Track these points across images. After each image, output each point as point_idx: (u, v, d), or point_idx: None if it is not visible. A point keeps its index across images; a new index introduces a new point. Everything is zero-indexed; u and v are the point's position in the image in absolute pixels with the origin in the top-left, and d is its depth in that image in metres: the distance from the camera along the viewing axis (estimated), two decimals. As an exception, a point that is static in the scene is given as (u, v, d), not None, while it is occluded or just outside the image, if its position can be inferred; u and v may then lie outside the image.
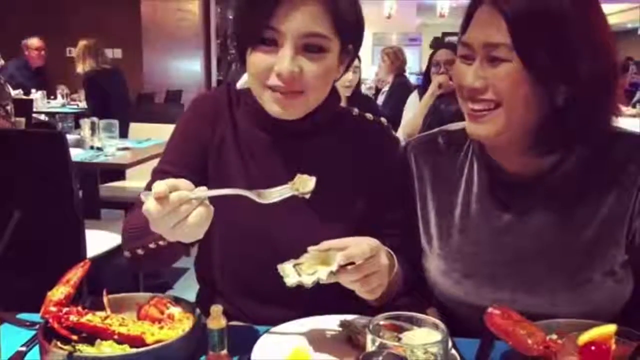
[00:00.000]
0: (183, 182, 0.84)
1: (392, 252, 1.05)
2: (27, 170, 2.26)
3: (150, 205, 0.81)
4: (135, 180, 3.73)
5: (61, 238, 2.30)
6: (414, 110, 3.55)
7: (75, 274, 0.95)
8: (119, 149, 3.05)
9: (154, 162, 1.19)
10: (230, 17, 9.69)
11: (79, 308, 0.91)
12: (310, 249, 0.95)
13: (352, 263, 0.93)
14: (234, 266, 1.16)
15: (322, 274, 0.91)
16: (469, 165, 1.16)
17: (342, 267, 0.92)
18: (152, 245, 0.96)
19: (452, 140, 1.19)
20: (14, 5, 6.61)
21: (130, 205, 1.27)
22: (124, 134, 3.82)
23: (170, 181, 0.83)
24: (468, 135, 1.08)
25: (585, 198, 1.06)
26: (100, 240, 2.58)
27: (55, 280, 0.95)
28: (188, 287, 3.45)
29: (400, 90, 5.34)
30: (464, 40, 1.03)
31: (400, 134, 3.49)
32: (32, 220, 2.27)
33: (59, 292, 0.92)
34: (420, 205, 1.18)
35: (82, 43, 5.11)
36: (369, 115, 1.23)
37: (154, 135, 3.60)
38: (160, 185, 0.81)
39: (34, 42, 6.29)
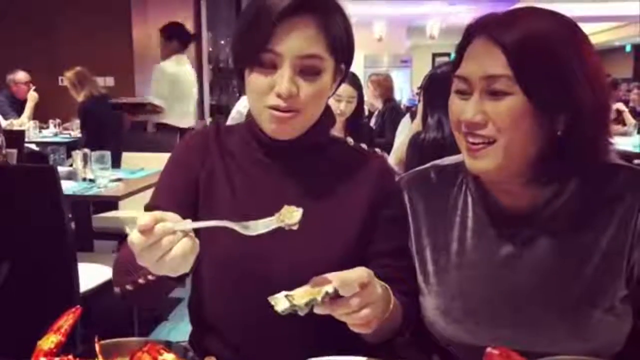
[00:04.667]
0: (170, 215, 0.84)
1: (387, 286, 1.03)
2: (18, 205, 2.24)
3: (134, 237, 0.81)
4: (128, 210, 3.71)
5: (53, 274, 2.27)
6: (405, 134, 3.55)
7: (67, 321, 0.93)
8: (111, 181, 3.02)
9: (147, 193, 1.19)
10: (223, 42, 9.75)
11: (70, 357, 0.89)
12: (302, 287, 0.93)
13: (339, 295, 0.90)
14: (224, 300, 1.14)
15: (317, 297, 0.88)
16: (463, 199, 1.15)
17: (337, 298, 0.89)
18: (141, 281, 0.96)
19: (445, 175, 1.19)
20: (3, 36, 6.60)
21: (123, 236, 1.27)
22: (116, 163, 3.81)
23: (157, 213, 0.82)
24: (467, 169, 1.07)
25: (584, 230, 1.05)
26: (93, 273, 2.55)
27: (47, 318, 0.94)
28: (183, 318, 3.43)
29: (390, 115, 5.38)
30: (460, 74, 1.03)
31: (392, 159, 3.48)
32: (23, 257, 2.26)
33: (49, 341, 0.90)
34: (415, 242, 1.17)
35: (71, 73, 5.11)
36: (364, 146, 1.25)
37: (147, 164, 3.59)
38: (145, 217, 0.80)
39: (21, 76, 6.21)
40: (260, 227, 0.88)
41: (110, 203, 3.65)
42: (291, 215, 0.89)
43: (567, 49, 0.97)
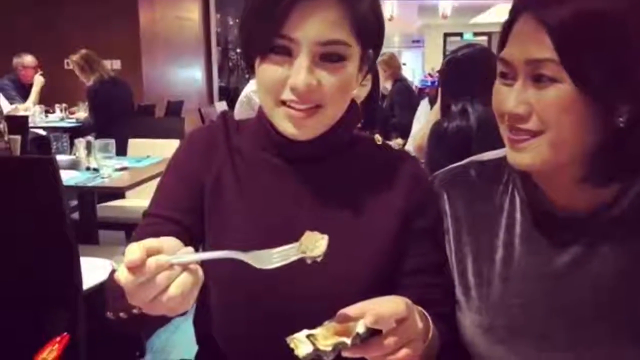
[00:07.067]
0: (167, 242, 0.68)
1: (425, 313, 0.90)
2: (16, 198, 2.12)
3: (121, 275, 0.64)
4: (135, 198, 3.59)
5: (53, 269, 2.15)
6: (424, 118, 3.39)
7: (50, 353, 0.80)
8: (116, 170, 2.88)
9: (153, 182, 1.04)
10: (231, 22, 9.56)
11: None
12: (325, 323, 0.79)
13: (379, 332, 0.77)
14: (232, 323, 1.00)
15: (347, 340, 0.75)
16: (510, 200, 1.00)
17: (371, 335, 0.76)
18: (135, 311, 0.80)
19: (487, 172, 1.04)
20: (9, 19, 6.48)
21: (130, 226, 1.13)
22: (123, 149, 3.68)
23: (150, 242, 0.66)
24: (509, 164, 0.93)
25: None
26: (98, 268, 2.42)
27: (47, 315, 0.81)
28: (187, 317, 3.26)
29: (401, 95, 5.24)
30: (503, 56, 0.90)
31: (410, 145, 3.33)
32: (22, 252, 2.15)
33: (30, 376, 0.77)
34: (455, 250, 1.02)
35: (77, 56, 4.97)
36: (393, 145, 1.10)
37: (154, 152, 3.46)
38: (134, 252, 0.64)
39: (29, 60, 6.06)
40: (275, 258, 0.74)
41: (116, 193, 3.53)
42: (314, 245, 0.74)
43: (628, 28, 0.83)
